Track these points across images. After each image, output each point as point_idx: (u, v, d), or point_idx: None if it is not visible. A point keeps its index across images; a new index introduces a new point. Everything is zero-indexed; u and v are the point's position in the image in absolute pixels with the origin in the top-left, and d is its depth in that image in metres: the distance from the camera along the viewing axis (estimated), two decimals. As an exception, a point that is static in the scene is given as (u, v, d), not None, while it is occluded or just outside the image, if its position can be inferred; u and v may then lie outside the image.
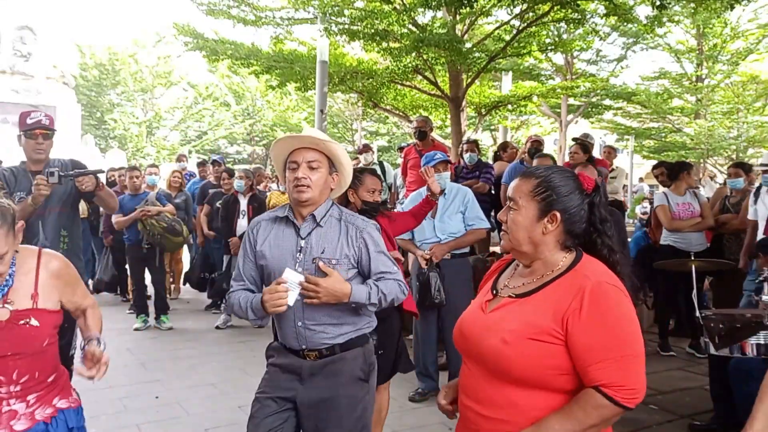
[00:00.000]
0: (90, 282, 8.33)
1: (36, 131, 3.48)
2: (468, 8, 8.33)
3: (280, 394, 2.28)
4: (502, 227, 1.65)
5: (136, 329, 6.45)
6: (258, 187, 7.51)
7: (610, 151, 8.07)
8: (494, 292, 1.68)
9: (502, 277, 1.73)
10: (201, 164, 9.35)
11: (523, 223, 1.59)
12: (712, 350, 3.26)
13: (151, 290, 6.86)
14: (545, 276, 1.57)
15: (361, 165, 7.66)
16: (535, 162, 6.03)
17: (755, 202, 5.11)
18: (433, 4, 8.19)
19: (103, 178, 4.05)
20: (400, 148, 8.89)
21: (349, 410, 2.27)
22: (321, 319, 2.24)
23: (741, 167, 5.89)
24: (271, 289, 2.13)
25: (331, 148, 2.27)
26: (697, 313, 3.57)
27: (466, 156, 6.81)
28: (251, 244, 2.35)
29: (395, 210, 6.91)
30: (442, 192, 4.33)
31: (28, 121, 3.47)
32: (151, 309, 6.71)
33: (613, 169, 7.42)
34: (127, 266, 7.23)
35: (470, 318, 1.67)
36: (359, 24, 9.56)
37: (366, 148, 8.40)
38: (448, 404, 1.75)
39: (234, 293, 2.34)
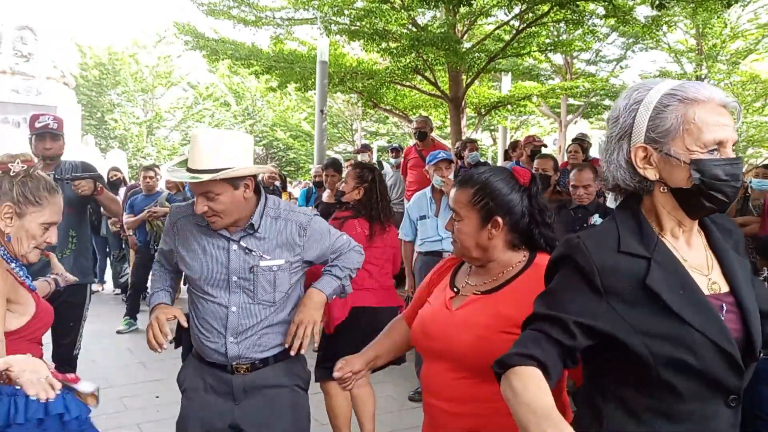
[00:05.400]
0: (98, 285, 8.34)
1: (44, 134, 3.56)
2: (467, 7, 8.33)
3: (219, 423, 2.10)
4: (452, 236, 1.67)
5: (119, 332, 6.25)
6: (276, 183, 7.47)
7: (610, 152, 8.05)
8: (455, 290, 1.68)
9: (458, 275, 1.73)
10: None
11: (468, 232, 1.61)
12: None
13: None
14: (506, 273, 1.61)
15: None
16: (535, 163, 6.03)
17: None
18: (432, 3, 8.18)
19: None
20: (393, 149, 8.84)
21: (294, 414, 2.13)
22: (255, 329, 2.05)
23: None
24: (158, 324, 2.06)
25: (222, 180, 1.90)
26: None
27: (471, 155, 6.82)
28: (171, 236, 2.16)
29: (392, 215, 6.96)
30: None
31: (37, 125, 3.55)
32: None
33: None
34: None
35: (434, 317, 1.66)
36: (359, 23, 9.58)
37: (363, 149, 8.28)
38: (348, 371, 1.76)
39: (157, 272, 2.28)
